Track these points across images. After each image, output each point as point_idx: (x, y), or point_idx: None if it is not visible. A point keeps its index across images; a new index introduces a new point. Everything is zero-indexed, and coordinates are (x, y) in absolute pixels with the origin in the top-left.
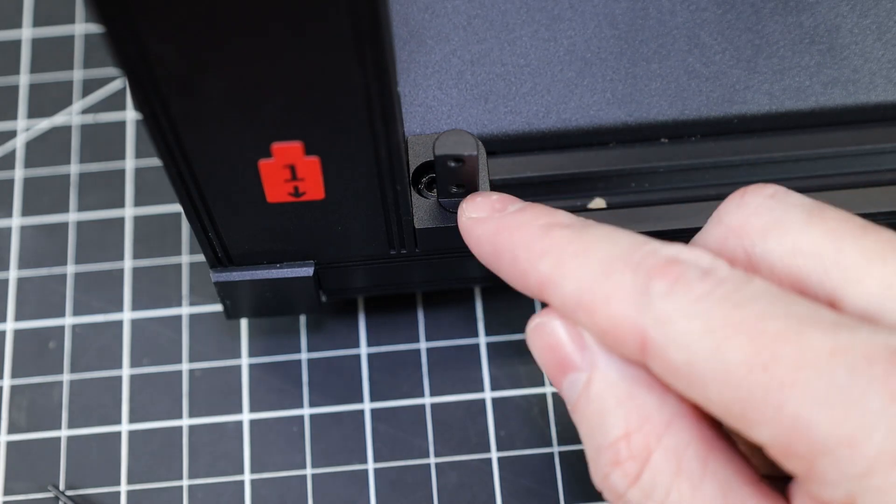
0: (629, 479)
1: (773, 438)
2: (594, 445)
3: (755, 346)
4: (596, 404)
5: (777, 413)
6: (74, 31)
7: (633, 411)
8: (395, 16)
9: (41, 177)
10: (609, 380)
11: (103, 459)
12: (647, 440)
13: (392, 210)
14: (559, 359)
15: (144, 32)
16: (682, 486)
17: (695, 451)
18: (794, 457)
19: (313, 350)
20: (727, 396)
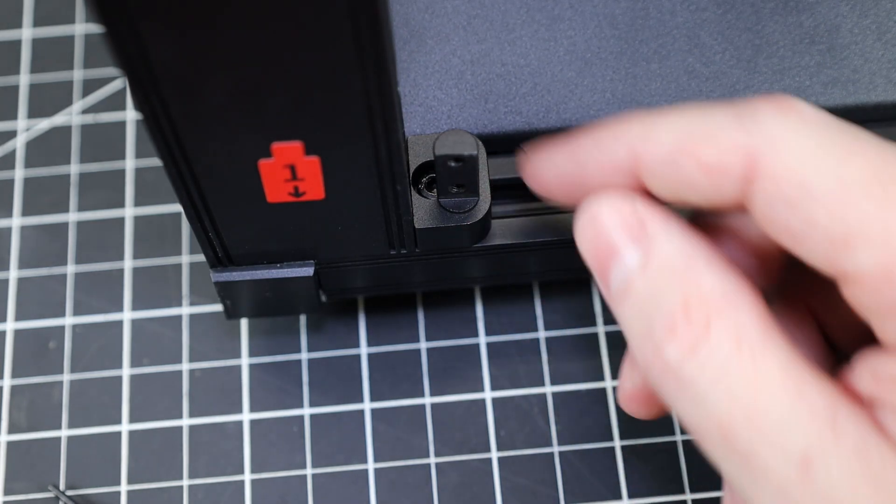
0: (685, 348)
1: (873, 265)
2: (646, 324)
3: (874, 166)
4: (652, 282)
5: (886, 236)
6: (74, 31)
7: (692, 283)
8: (396, 16)
9: (41, 177)
10: (668, 257)
11: (103, 459)
12: (708, 310)
13: (392, 210)
14: (609, 251)
15: (144, 32)
16: (742, 360)
17: (756, 326)
18: (890, 287)
19: (313, 350)
20: (836, 216)
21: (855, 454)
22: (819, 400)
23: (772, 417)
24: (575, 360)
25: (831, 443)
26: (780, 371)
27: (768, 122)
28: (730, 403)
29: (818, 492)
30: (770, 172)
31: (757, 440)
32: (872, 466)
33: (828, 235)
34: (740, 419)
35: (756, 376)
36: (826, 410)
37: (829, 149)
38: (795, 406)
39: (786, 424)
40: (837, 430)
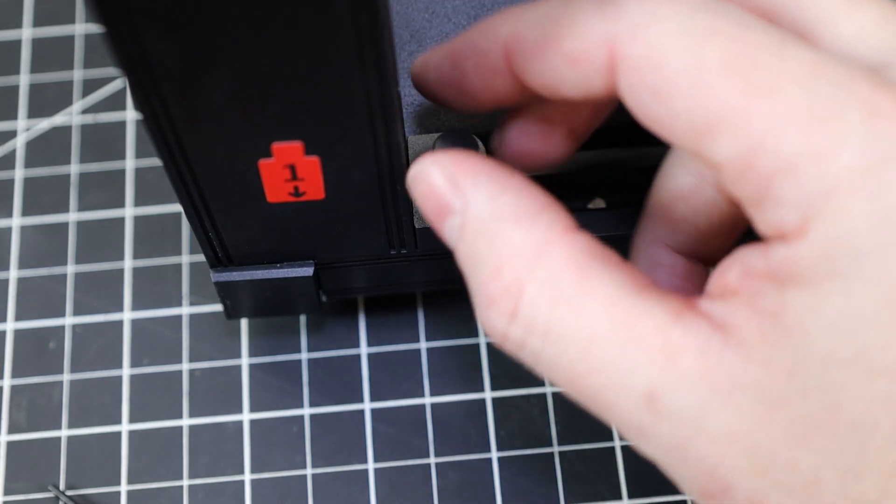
0: (506, 316)
1: (734, 153)
2: (473, 288)
3: (735, 49)
4: (470, 245)
5: (745, 123)
6: (74, 31)
7: (502, 247)
8: (396, 16)
9: (41, 177)
10: (479, 217)
11: (103, 459)
12: (517, 273)
13: (392, 210)
14: (437, 204)
15: (144, 32)
16: (562, 313)
17: (570, 276)
18: (753, 175)
19: (313, 350)
20: (696, 104)
21: (697, 373)
22: (651, 331)
23: (607, 366)
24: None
25: (670, 371)
26: (605, 314)
27: (629, 7)
28: (565, 361)
29: (671, 422)
30: (630, 61)
31: (601, 391)
32: (716, 378)
33: (690, 124)
34: (581, 374)
35: (581, 328)
36: (659, 338)
37: (690, 31)
38: (627, 347)
39: (622, 369)
40: (672, 356)
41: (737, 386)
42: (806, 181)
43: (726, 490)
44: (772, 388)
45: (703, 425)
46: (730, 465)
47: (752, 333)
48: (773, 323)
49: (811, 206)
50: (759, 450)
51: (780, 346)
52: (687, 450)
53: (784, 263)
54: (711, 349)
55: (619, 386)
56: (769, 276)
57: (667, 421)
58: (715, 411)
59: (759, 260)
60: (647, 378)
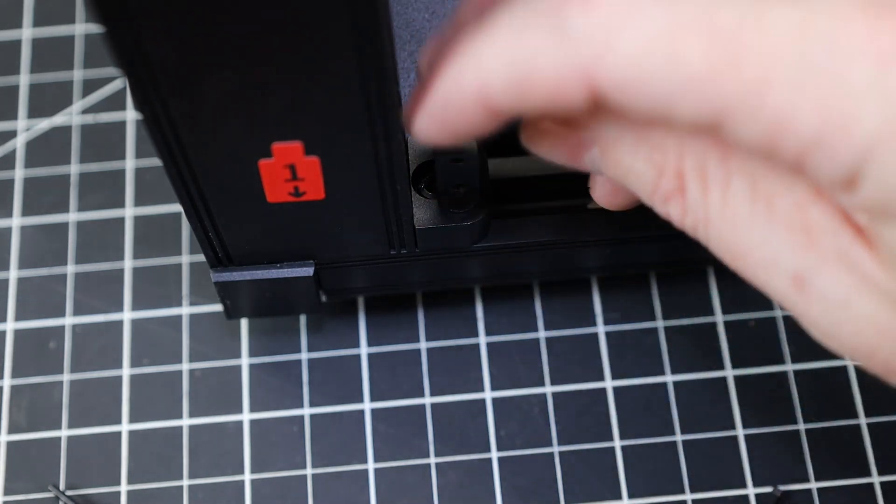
0: (681, 209)
1: (760, 138)
2: (646, 195)
3: (713, 41)
4: (621, 167)
5: (758, 112)
6: (74, 31)
7: (650, 151)
8: (396, 17)
9: (41, 177)
10: (615, 137)
11: (103, 459)
12: (675, 168)
13: (392, 210)
14: (570, 147)
15: (144, 32)
16: (712, 197)
17: (716, 157)
18: (786, 153)
19: (313, 350)
20: (697, 106)
21: (836, 258)
22: (792, 208)
23: (755, 249)
24: (575, 360)
25: (811, 253)
26: (749, 190)
27: (581, 37)
28: (724, 245)
29: (821, 304)
30: (612, 86)
31: (756, 272)
32: (853, 268)
33: (699, 123)
34: (737, 255)
35: (727, 210)
36: (799, 216)
37: (658, 29)
38: (769, 225)
39: (768, 250)
40: (813, 237)
41: (869, 281)
42: (839, 153)
43: (892, 372)
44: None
45: (850, 313)
46: (885, 354)
47: (884, 254)
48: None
49: (856, 165)
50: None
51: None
52: (840, 337)
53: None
54: (844, 238)
55: (769, 266)
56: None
57: (817, 304)
58: (856, 300)
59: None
60: (793, 260)
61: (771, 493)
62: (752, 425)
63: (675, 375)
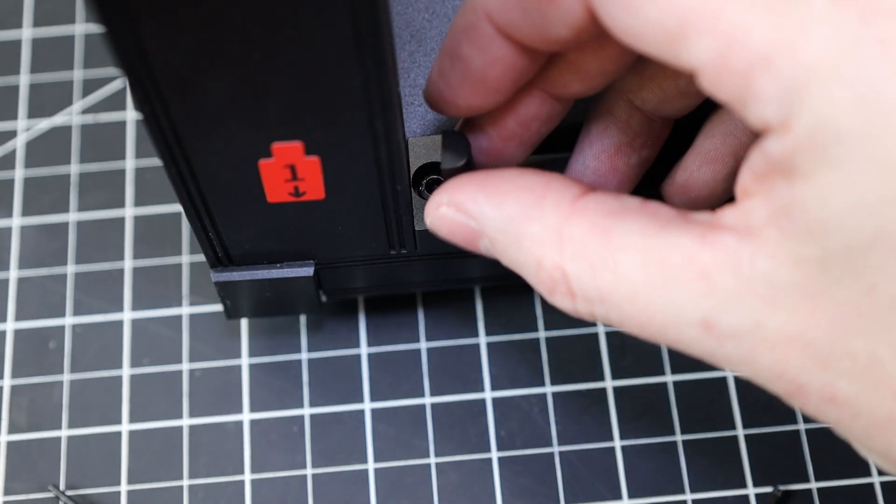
0: (568, 297)
1: (709, 55)
2: (532, 284)
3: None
4: (506, 254)
5: (715, 22)
6: (74, 31)
7: (529, 244)
8: (396, 16)
9: (41, 177)
10: (498, 229)
11: (103, 459)
12: (553, 260)
13: (392, 210)
14: (463, 236)
15: (144, 32)
16: (603, 278)
17: (595, 241)
18: (732, 75)
19: (313, 350)
20: (666, 8)
21: (736, 288)
22: (683, 262)
23: (659, 309)
24: (575, 360)
25: (713, 295)
26: (637, 263)
27: None
28: (626, 317)
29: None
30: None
31: (664, 331)
32: (756, 286)
33: (663, 30)
34: (643, 322)
35: (622, 283)
36: (693, 266)
37: None
38: (667, 285)
39: (672, 306)
40: (710, 279)
41: (776, 289)
42: (780, 73)
43: (800, 389)
44: (808, 283)
45: (760, 335)
46: (795, 367)
47: (773, 232)
48: (789, 217)
49: (791, 98)
50: (815, 346)
51: (802, 241)
52: (754, 362)
53: (781, 157)
54: (742, 260)
55: (675, 323)
56: (773, 170)
57: (727, 341)
58: (765, 319)
59: (760, 158)
60: (696, 308)
61: (771, 493)
62: (752, 425)
63: (675, 375)
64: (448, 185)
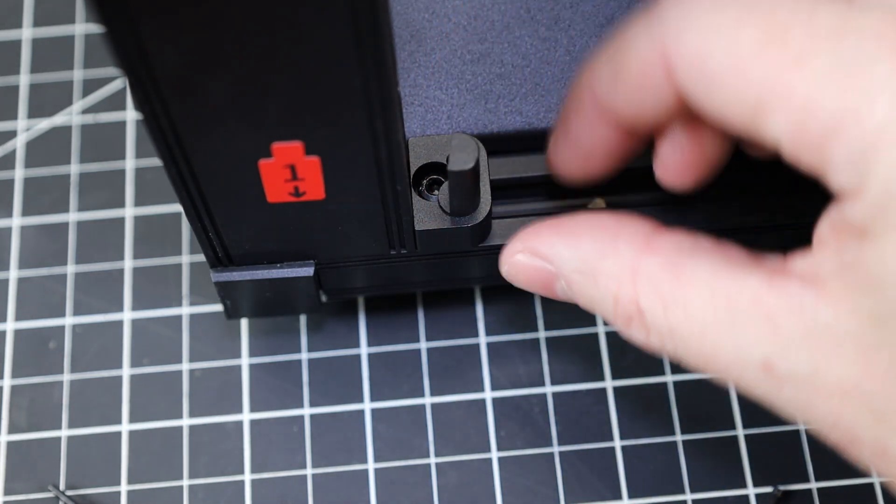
0: (643, 331)
1: (788, 129)
2: (610, 320)
3: (767, 26)
4: (583, 293)
5: (788, 96)
6: (74, 31)
7: (606, 281)
8: (396, 16)
9: (41, 177)
10: (574, 270)
11: (103, 459)
12: (629, 296)
13: (392, 210)
14: (540, 281)
15: (144, 32)
16: (674, 314)
17: (667, 279)
18: (808, 146)
19: (313, 350)
20: (743, 86)
21: (799, 334)
22: (750, 303)
23: (722, 348)
24: (575, 360)
25: (776, 338)
26: (705, 301)
27: (668, 15)
28: (692, 353)
29: (790, 386)
30: (681, 63)
31: (727, 369)
32: (817, 334)
33: (744, 107)
34: (707, 360)
35: (691, 320)
36: (758, 308)
37: (724, 21)
38: (734, 325)
39: (735, 347)
40: (774, 322)
41: (836, 338)
42: (848, 141)
43: (854, 441)
44: (865, 336)
45: (818, 382)
46: (850, 418)
47: (837, 284)
48: (854, 273)
49: (859, 166)
50: (870, 398)
51: (863, 295)
52: (811, 409)
53: (852, 219)
54: (806, 307)
55: (738, 362)
56: (847, 230)
57: (787, 385)
58: (825, 367)
59: (837, 216)
60: (759, 349)
61: (771, 493)
62: (752, 425)
63: (675, 375)
64: (522, 233)
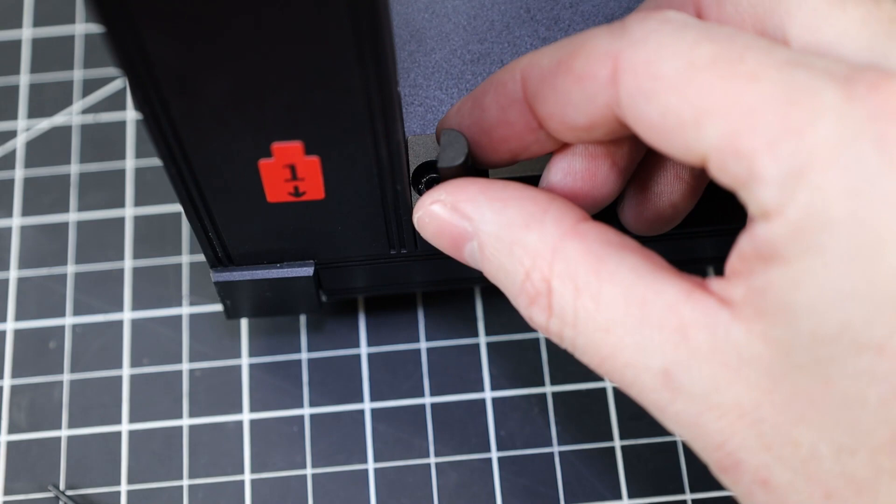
0: (545, 312)
1: (719, 139)
2: (511, 295)
3: (723, 47)
4: (493, 260)
5: (729, 109)
6: (74, 31)
7: (522, 253)
8: (396, 16)
9: (41, 177)
10: (492, 233)
11: (103, 459)
12: (542, 273)
13: (392, 210)
14: (451, 236)
15: (144, 32)
16: (584, 302)
17: (587, 266)
18: (739, 157)
19: (313, 350)
20: (685, 97)
21: (707, 348)
22: (664, 310)
23: (626, 348)
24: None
25: (682, 348)
26: (621, 298)
27: (632, 27)
28: (592, 346)
29: (685, 398)
30: (629, 68)
31: (623, 370)
32: (725, 352)
33: (680, 119)
34: (606, 356)
35: (601, 313)
36: (672, 317)
37: (684, 38)
38: (642, 327)
39: (639, 349)
40: (684, 333)
41: (743, 360)
42: (782, 158)
43: (737, 465)
44: (772, 363)
45: (714, 400)
46: (738, 441)
47: (748, 310)
48: (764, 300)
49: (788, 183)
50: (763, 424)
51: (773, 323)
52: (700, 425)
53: (765, 242)
54: (719, 325)
55: (638, 365)
56: (757, 255)
57: (681, 397)
58: (724, 386)
59: (748, 241)
60: (663, 356)
61: None
62: None
63: None
64: (447, 184)
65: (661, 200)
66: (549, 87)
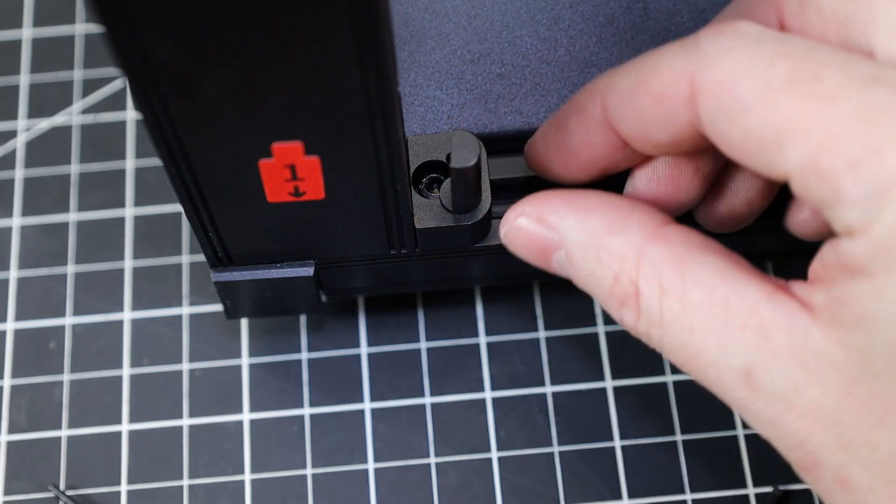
0: (634, 314)
1: (802, 160)
2: (601, 299)
3: (799, 65)
4: (582, 267)
5: (810, 130)
6: (74, 31)
7: (609, 258)
8: (396, 16)
9: (41, 177)
10: (579, 242)
11: (103, 459)
12: (630, 276)
13: (392, 210)
14: (538, 247)
15: (144, 32)
16: (670, 303)
17: (671, 268)
18: (821, 178)
19: (313, 350)
20: (765, 119)
21: (788, 350)
22: (747, 311)
23: (709, 347)
24: (575, 360)
25: (764, 349)
26: (704, 299)
27: (706, 44)
28: (677, 346)
29: (766, 397)
30: (706, 88)
31: (707, 369)
32: (805, 354)
33: (762, 141)
34: (690, 356)
35: (685, 314)
36: (753, 318)
37: (759, 56)
38: (725, 328)
39: (722, 348)
40: (766, 334)
41: (822, 363)
42: (865, 179)
43: (817, 464)
44: (850, 367)
45: (794, 400)
46: (818, 441)
47: (828, 315)
48: (844, 308)
49: (871, 203)
50: (842, 426)
51: (852, 330)
52: (781, 424)
53: (849, 257)
54: (800, 327)
55: (720, 365)
56: (840, 266)
57: (763, 397)
58: (804, 387)
59: (831, 252)
60: (745, 356)
61: (771, 493)
62: None
63: (675, 375)
64: (531, 198)
65: (737, 198)
66: (629, 110)
